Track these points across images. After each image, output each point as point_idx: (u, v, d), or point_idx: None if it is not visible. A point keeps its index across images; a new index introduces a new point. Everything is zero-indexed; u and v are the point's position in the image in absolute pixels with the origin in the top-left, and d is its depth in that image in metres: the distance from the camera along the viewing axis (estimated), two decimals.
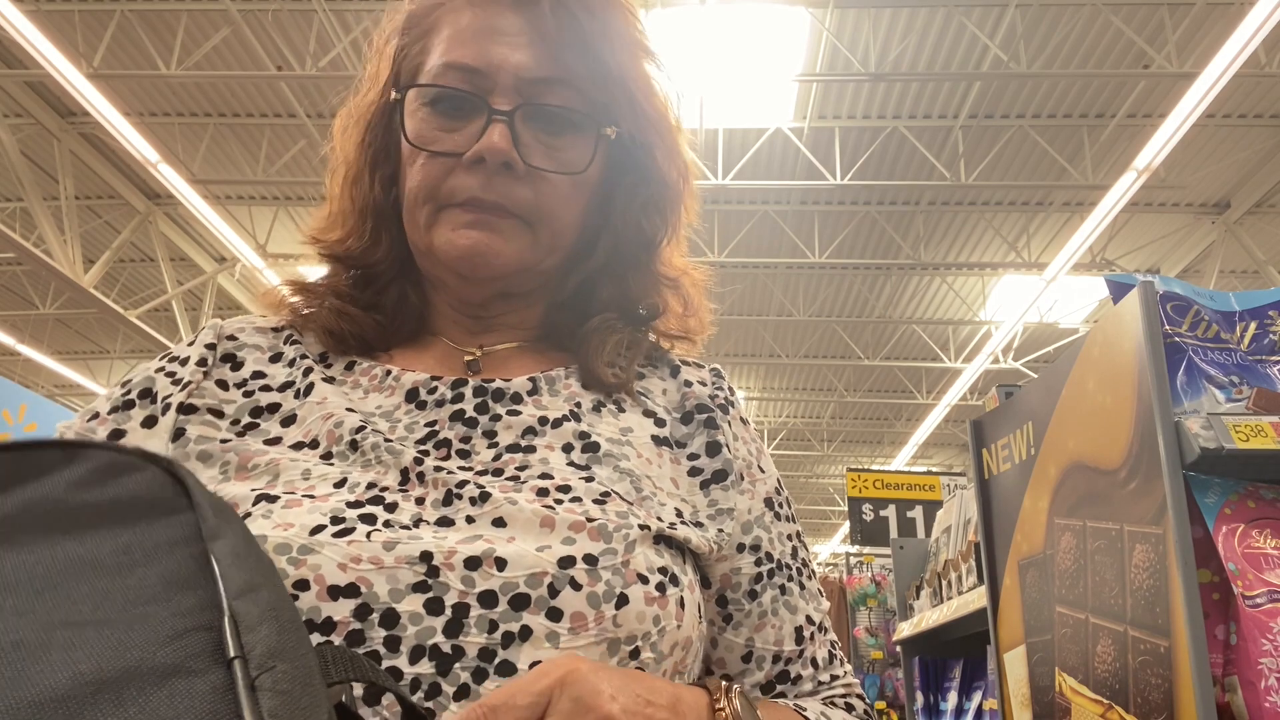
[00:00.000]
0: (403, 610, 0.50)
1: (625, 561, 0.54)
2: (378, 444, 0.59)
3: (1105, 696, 1.04)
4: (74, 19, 6.09)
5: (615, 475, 0.61)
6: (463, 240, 0.65)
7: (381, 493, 0.56)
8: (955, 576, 2.15)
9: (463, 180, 0.65)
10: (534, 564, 0.52)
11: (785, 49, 6.19)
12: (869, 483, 5.43)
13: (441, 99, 0.66)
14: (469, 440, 0.62)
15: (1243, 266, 8.45)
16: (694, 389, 0.72)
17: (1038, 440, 1.25)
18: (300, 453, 0.60)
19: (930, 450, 13.98)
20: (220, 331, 0.69)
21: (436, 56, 0.67)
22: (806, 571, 0.72)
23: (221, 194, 8.01)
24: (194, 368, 0.66)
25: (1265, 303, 1.16)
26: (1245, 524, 0.97)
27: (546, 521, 0.55)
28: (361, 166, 0.71)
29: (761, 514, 0.69)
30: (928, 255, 8.54)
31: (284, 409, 0.64)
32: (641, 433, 0.67)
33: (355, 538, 0.52)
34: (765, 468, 0.72)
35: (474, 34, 0.66)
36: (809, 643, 0.70)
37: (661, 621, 0.55)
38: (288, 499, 0.55)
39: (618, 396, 0.69)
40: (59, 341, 10.96)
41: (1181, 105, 5.60)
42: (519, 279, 0.69)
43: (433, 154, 0.65)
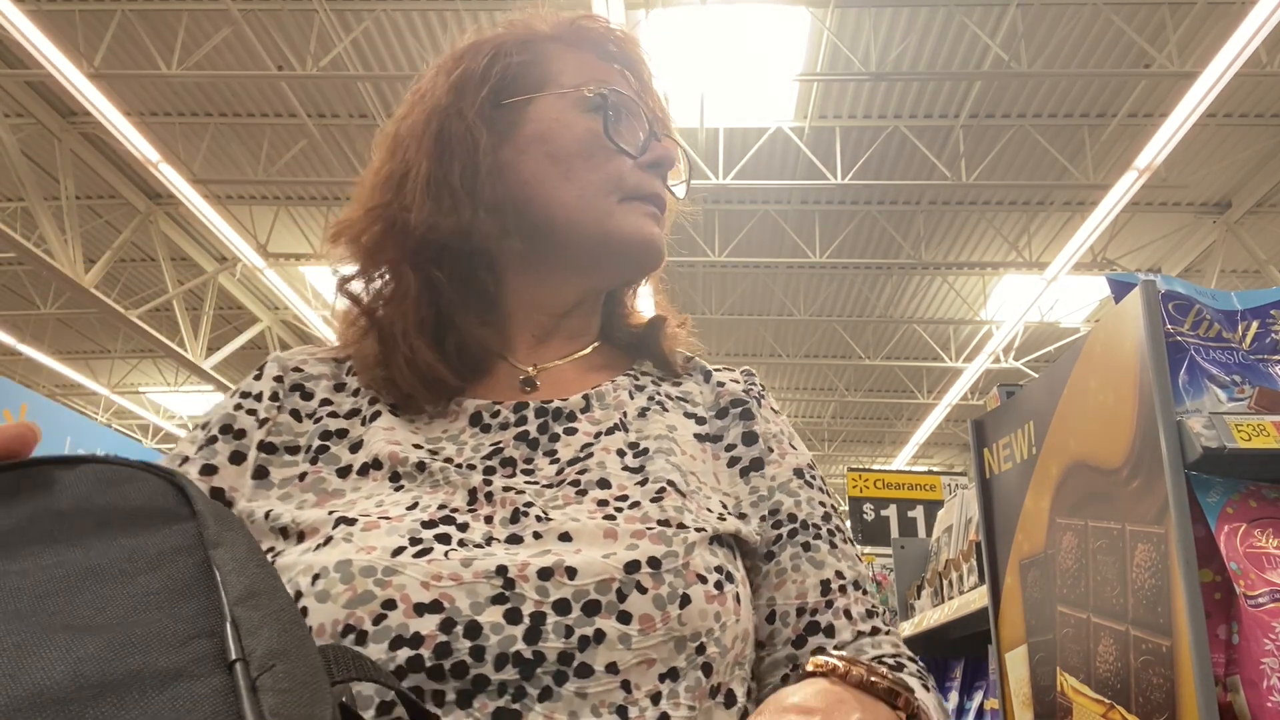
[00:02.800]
0: (484, 621, 0.53)
1: (685, 564, 0.58)
2: (445, 466, 0.63)
3: (1107, 696, 1.04)
4: (75, 19, 6.09)
5: (668, 467, 0.65)
6: (649, 228, 0.74)
7: (452, 513, 0.59)
8: (956, 576, 2.15)
9: (645, 178, 0.75)
10: (602, 570, 0.55)
11: (786, 49, 6.18)
12: (870, 482, 5.43)
13: (618, 107, 0.75)
14: (531, 460, 0.66)
15: (1244, 266, 8.44)
16: (727, 387, 0.78)
17: (1039, 440, 1.25)
18: (368, 477, 0.64)
19: (931, 450, 13.97)
20: (284, 364, 0.73)
21: (575, 79, 0.75)
22: (840, 535, 0.71)
23: (222, 194, 8.01)
24: (268, 403, 0.69)
25: (1267, 302, 1.16)
26: (1247, 523, 0.97)
27: (610, 533, 0.58)
28: (451, 156, 0.73)
29: (787, 481, 0.72)
30: (928, 255, 8.54)
31: (351, 435, 0.68)
32: (685, 431, 0.72)
33: (434, 557, 0.55)
34: (797, 446, 0.76)
35: (598, 68, 0.77)
36: (839, 595, 0.67)
37: (722, 617, 0.58)
38: (365, 521, 0.58)
39: (660, 399, 0.74)
40: (60, 341, 10.96)
41: (1182, 105, 5.60)
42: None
43: (621, 150, 0.74)
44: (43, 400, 7.67)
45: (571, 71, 0.76)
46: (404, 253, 0.72)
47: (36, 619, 0.33)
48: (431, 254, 0.72)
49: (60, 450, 7.73)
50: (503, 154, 0.73)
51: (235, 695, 0.31)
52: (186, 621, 0.35)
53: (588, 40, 0.79)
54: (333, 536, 0.57)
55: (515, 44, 0.77)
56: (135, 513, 0.40)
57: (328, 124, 7.21)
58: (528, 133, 0.74)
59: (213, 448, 0.66)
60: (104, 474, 0.42)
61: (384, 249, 0.73)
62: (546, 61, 0.76)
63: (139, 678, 0.31)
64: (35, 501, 0.39)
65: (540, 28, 0.79)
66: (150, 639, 0.33)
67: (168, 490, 0.42)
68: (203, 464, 0.66)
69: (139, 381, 12.16)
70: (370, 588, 0.53)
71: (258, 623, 0.35)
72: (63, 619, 0.33)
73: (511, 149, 0.74)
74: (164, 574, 0.37)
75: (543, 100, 0.74)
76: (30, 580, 0.35)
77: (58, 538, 0.37)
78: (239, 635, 0.34)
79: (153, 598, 0.36)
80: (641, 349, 0.82)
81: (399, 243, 0.72)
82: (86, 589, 0.35)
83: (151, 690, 0.31)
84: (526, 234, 0.74)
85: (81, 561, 0.36)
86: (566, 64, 0.76)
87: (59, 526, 0.38)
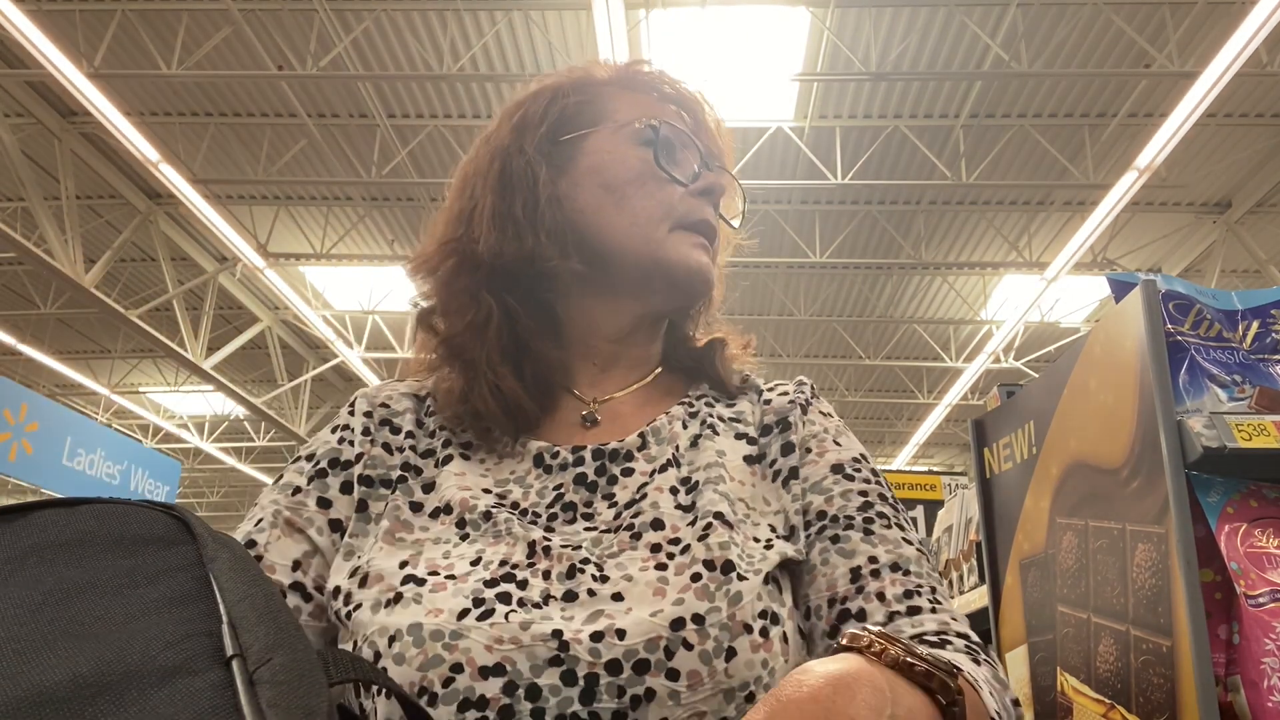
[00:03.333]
0: (543, 684, 0.56)
1: (731, 615, 0.59)
2: (510, 518, 0.67)
3: (1107, 696, 1.04)
4: (75, 19, 6.09)
5: (715, 498, 0.67)
6: (698, 257, 0.77)
7: (513, 570, 0.63)
8: (957, 576, 2.15)
9: (695, 204, 0.78)
10: (649, 630, 0.58)
11: (786, 48, 6.18)
12: None
13: (669, 139, 0.79)
14: (591, 504, 0.69)
15: (1244, 266, 8.44)
16: (773, 404, 0.79)
17: (1039, 439, 1.25)
18: (438, 522, 0.68)
19: (931, 450, 13.98)
20: (373, 400, 0.77)
21: (628, 115, 0.79)
22: (882, 521, 0.70)
23: (222, 193, 8.01)
24: (361, 437, 0.74)
25: (1267, 301, 1.16)
26: (1248, 523, 0.96)
27: (659, 590, 0.60)
28: (514, 189, 0.78)
29: (821, 479, 0.72)
30: (929, 255, 8.54)
31: (425, 475, 0.72)
32: (734, 456, 0.74)
33: (496, 619, 0.58)
34: (842, 442, 0.76)
35: (653, 106, 0.81)
36: (870, 580, 0.66)
37: (770, 663, 0.60)
38: (433, 582, 0.62)
39: (712, 423, 0.76)
40: (60, 341, 10.96)
41: (1183, 105, 5.60)
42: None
43: (672, 178, 0.78)
44: (43, 400, 7.68)
45: (626, 109, 0.80)
46: (478, 281, 0.76)
47: (36, 626, 0.33)
48: (503, 281, 0.76)
49: (60, 450, 7.73)
50: (560, 186, 0.77)
51: (233, 689, 0.31)
52: (184, 623, 0.35)
53: (643, 83, 0.84)
54: (402, 594, 0.61)
55: (573, 87, 0.82)
56: (136, 538, 0.41)
57: (328, 124, 7.21)
58: (584, 165, 0.78)
59: (324, 480, 0.71)
60: (105, 512, 0.42)
61: (459, 279, 0.77)
62: (602, 101, 0.81)
63: (137, 675, 0.31)
64: (36, 536, 0.40)
65: (598, 74, 0.84)
66: (149, 640, 0.34)
67: (169, 521, 0.43)
68: (319, 496, 0.70)
69: (139, 381, 12.17)
70: (439, 651, 0.57)
71: (254, 620, 0.35)
72: (62, 626, 0.34)
73: (568, 181, 0.78)
74: (163, 586, 0.38)
75: (598, 134, 0.79)
76: (30, 593, 0.35)
77: (57, 561, 0.38)
78: (236, 632, 0.34)
79: (151, 605, 0.36)
80: (700, 372, 0.84)
81: (471, 272, 0.77)
82: (85, 600, 0.36)
83: (150, 687, 0.31)
84: (586, 258, 0.77)
85: (81, 578, 0.37)
86: (621, 103, 0.81)
87: (60, 554, 0.39)
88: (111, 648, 0.33)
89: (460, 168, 0.83)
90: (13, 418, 7.09)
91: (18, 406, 7.06)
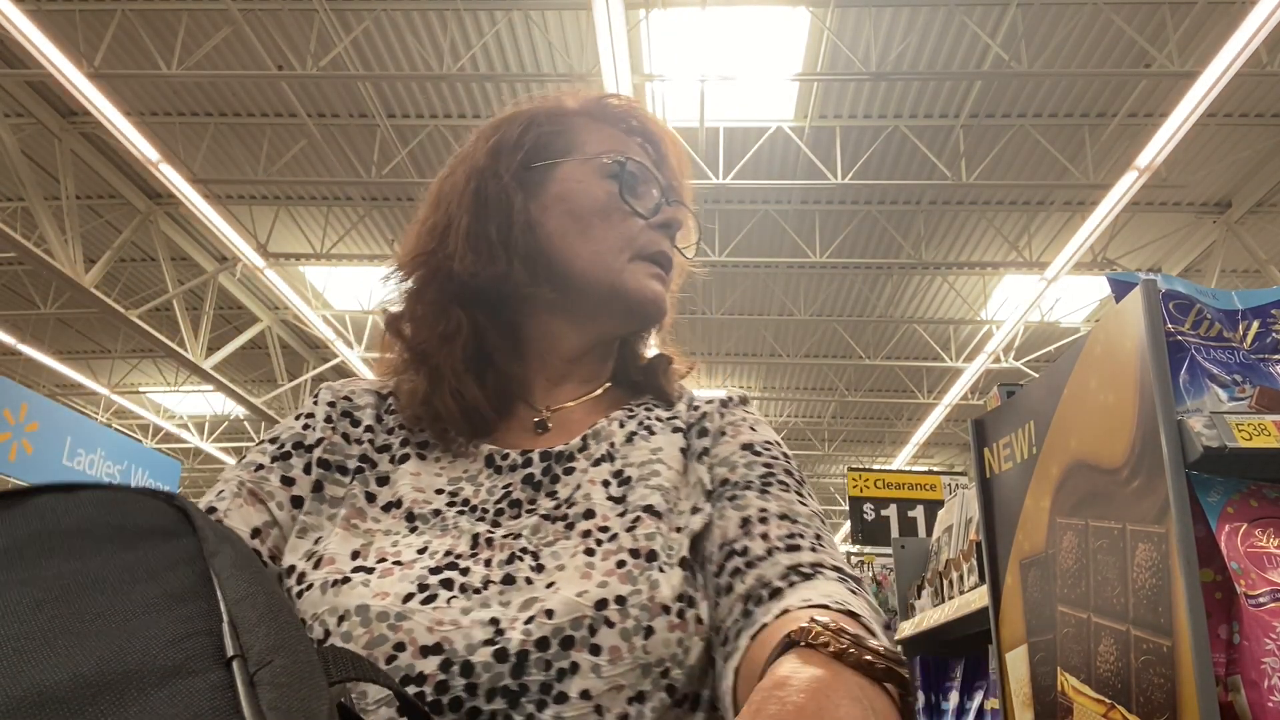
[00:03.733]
0: (476, 661, 0.61)
1: (651, 598, 0.64)
2: (459, 515, 0.72)
3: (1107, 696, 1.04)
4: (75, 19, 6.09)
5: (646, 493, 0.73)
6: (654, 286, 0.83)
7: (457, 559, 0.68)
8: (957, 576, 2.15)
9: (654, 237, 0.83)
10: (575, 609, 0.63)
11: (786, 48, 6.19)
12: (870, 482, 5.43)
13: (633, 174, 0.84)
14: (535, 500, 0.75)
15: (1244, 266, 8.45)
16: (700, 407, 0.85)
17: (1039, 439, 1.25)
18: (390, 515, 0.72)
19: (931, 450, 13.97)
20: (336, 393, 0.83)
21: (597, 147, 0.84)
22: (779, 486, 0.74)
23: (222, 193, 8.02)
24: (324, 424, 0.79)
25: (1267, 301, 1.16)
26: (1248, 523, 0.96)
27: (585, 574, 0.66)
28: (489, 212, 0.82)
29: (730, 455, 0.77)
30: (929, 255, 8.54)
31: (380, 469, 0.76)
32: (670, 448, 0.79)
33: (439, 603, 0.64)
34: (757, 429, 0.81)
35: (619, 139, 0.86)
36: (757, 524, 0.70)
37: (685, 642, 0.64)
38: (381, 568, 0.66)
39: (649, 423, 0.81)
40: (60, 341, 10.96)
41: (1183, 104, 5.60)
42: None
43: (634, 211, 0.83)
44: (43, 400, 7.68)
45: (595, 141, 0.85)
46: (449, 295, 0.81)
47: (36, 624, 0.33)
48: (473, 297, 0.81)
49: (60, 450, 7.73)
50: (531, 210, 0.82)
51: (233, 690, 0.31)
52: (185, 622, 0.35)
53: (611, 116, 0.88)
54: (351, 579, 0.65)
55: (546, 116, 0.87)
56: (136, 530, 0.41)
57: (328, 124, 7.21)
58: (553, 192, 0.83)
59: (288, 461, 0.75)
60: (105, 498, 0.42)
61: (430, 290, 0.82)
62: (573, 131, 0.86)
63: (138, 675, 0.31)
64: (36, 523, 0.39)
65: (569, 104, 0.89)
66: (149, 639, 0.33)
67: (169, 511, 0.43)
68: (282, 475, 0.74)
69: (139, 381, 12.17)
70: (384, 631, 0.61)
71: (255, 621, 0.35)
72: (62, 624, 0.33)
73: (539, 206, 0.82)
74: (163, 582, 0.38)
75: (567, 164, 0.84)
76: (30, 590, 0.35)
77: (57, 552, 0.38)
78: (236, 632, 0.34)
79: (152, 603, 0.36)
80: (645, 386, 0.89)
81: (444, 286, 0.81)
82: (86, 596, 0.35)
83: (150, 687, 0.31)
84: (554, 282, 0.82)
85: (81, 572, 0.37)
86: (590, 135, 0.86)
87: (59, 543, 0.38)
88: (112, 646, 0.32)
89: (436, 183, 0.88)
90: (13, 418, 7.09)
91: (18, 406, 7.07)
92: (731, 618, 0.65)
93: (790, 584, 0.65)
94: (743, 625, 0.64)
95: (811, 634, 0.50)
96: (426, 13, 6.12)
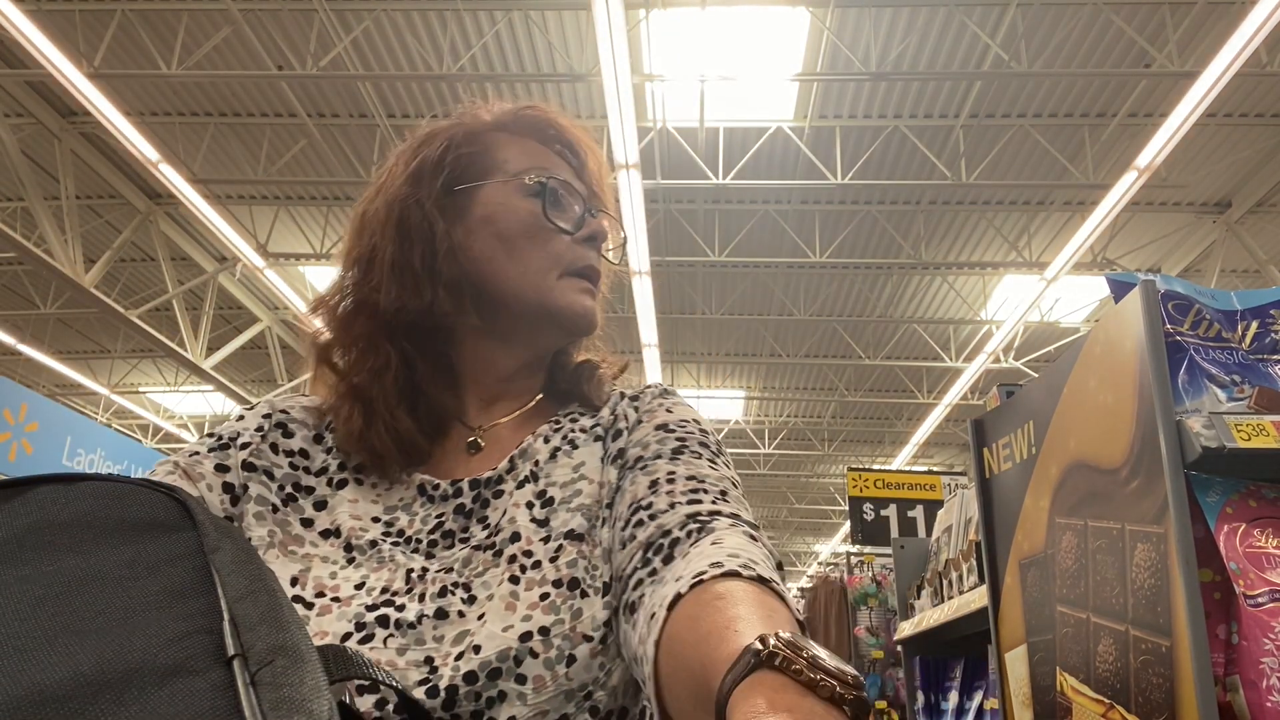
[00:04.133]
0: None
1: (573, 628, 0.67)
2: (394, 547, 0.74)
3: (1106, 696, 1.04)
4: (74, 19, 6.09)
5: (569, 516, 0.75)
6: (585, 302, 0.84)
7: (393, 596, 0.69)
8: (956, 576, 2.15)
9: (580, 252, 0.84)
10: (502, 644, 0.65)
11: (786, 48, 6.19)
12: (870, 482, 5.43)
13: (555, 191, 0.84)
14: (467, 529, 0.76)
15: (1244, 266, 8.45)
16: (618, 409, 0.86)
17: (1039, 439, 1.25)
18: (327, 542, 0.74)
19: (931, 450, 13.98)
20: (274, 405, 0.84)
21: (518, 165, 0.84)
22: (690, 453, 0.76)
23: (222, 193, 8.02)
24: (254, 432, 0.79)
25: (1266, 302, 1.16)
26: (1247, 523, 0.97)
27: (510, 606, 0.68)
28: (413, 239, 0.82)
29: (643, 437, 0.79)
30: (928, 255, 8.54)
31: (317, 494, 0.78)
32: (592, 460, 0.80)
33: (376, 643, 0.66)
34: (674, 411, 0.83)
35: (538, 152, 0.86)
36: (664, 484, 0.72)
37: (606, 665, 0.67)
38: (320, 604, 0.68)
39: (572, 436, 0.82)
40: (60, 341, 10.96)
41: (1183, 104, 5.60)
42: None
43: (559, 229, 0.83)
44: (43, 400, 7.67)
45: (514, 158, 0.85)
46: (377, 327, 0.81)
47: (37, 622, 0.33)
48: (401, 329, 0.81)
49: (60, 450, 7.73)
50: (456, 235, 0.82)
51: (233, 690, 0.31)
52: (185, 620, 0.35)
53: (528, 127, 0.89)
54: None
55: (464, 136, 0.86)
56: (136, 524, 0.40)
57: (328, 124, 7.21)
58: (477, 214, 0.83)
59: (225, 452, 0.77)
60: (104, 490, 0.42)
61: (358, 323, 0.82)
62: (492, 150, 0.86)
63: (138, 674, 0.31)
64: (35, 515, 0.39)
65: (485, 118, 0.89)
66: (149, 637, 0.33)
67: (169, 504, 0.43)
68: (217, 463, 0.76)
69: (139, 381, 12.17)
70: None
71: (256, 619, 0.35)
72: (63, 621, 0.33)
73: (463, 230, 0.83)
74: (163, 578, 0.37)
75: (489, 186, 0.84)
76: (31, 586, 0.35)
77: (58, 546, 0.38)
78: (237, 631, 0.34)
79: (152, 599, 0.36)
80: (573, 394, 0.90)
81: (371, 317, 0.82)
82: (86, 593, 0.35)
83: (151, 686, 0.31)
84: (481, 308, 0.82)
85: (81, 567, 0.37)
86: (510, 152, 0.86)
87: (59, 536, 0.38)
88: (112, 644, 0.32)
89: (357, 213, 0.87)
90: (13, 418, 7.09)
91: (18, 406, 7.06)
92: (631, 565, 0.68)
93: (687, 532, 0.66)
94: (643, 575, 0.66)
95: (779, 659, 0.46)
96: (426, 13, 6.12)
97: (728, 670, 0.46)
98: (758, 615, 0.52)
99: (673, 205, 8.12)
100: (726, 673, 0.46)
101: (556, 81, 6.59)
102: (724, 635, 0.51)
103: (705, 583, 0.56)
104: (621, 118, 5.72)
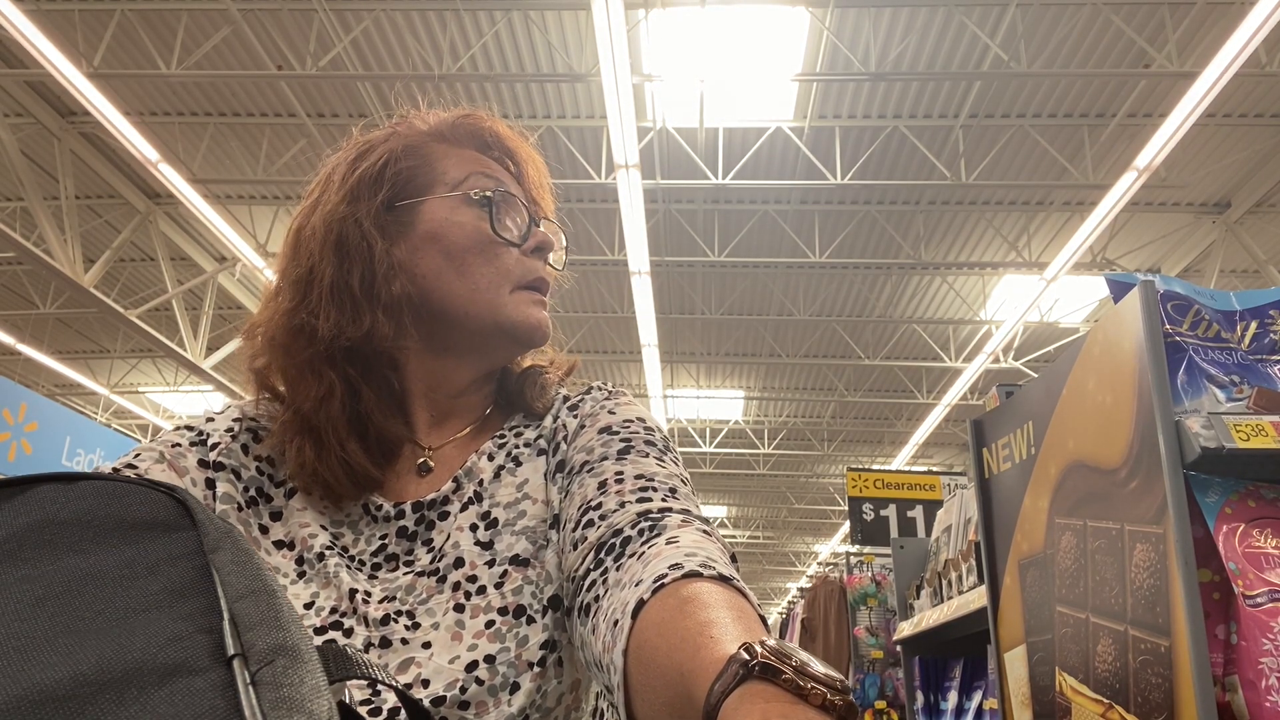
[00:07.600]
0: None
1: (518, 655, 0.68)
2: (339, 564, 0.73)
3: (1106, 696, 1.04)
4: (74, 18, 6.09)
5: (513, 539, 0.74)
6: (538, 314, 0.83)
7: (341, 618, 0.70)
8: (955, 576, 2.15)
9: (529, 265, 0.83)
10: (448, 675, 0.66)
11: (785, 48, 6.19)
12: (869, 482, 5.43)
13: (499, 205, 0.82)
14: (412, 552, 0.76)
15: (1243, 266, 8.45)
16: (560, 417, 0.84)
17: (1038, 440, 1.25)
18: (280, 553, 0.74)
19: (930, 450, 13.98)
20: (245, 411, 0.83)
21: (458, 175, 0.83)
22: (637, 452, 0.75)
23: (222, 193, 8.02)
24: (224, 434, 0.79)
25: (1266, 302, 1.16)
26: (1246, 523, 0.97)
27: (456, 636, 0.69)
28: (351, 260, 0.80)
29: (588, 441, 0.78)
30: (928, 255, 8.54)
31: (274, 503, 0.78)
32: (535, 477, 0.79)
33: None
34: (616, 411, 0.81)
35: (478, 161, 0.85)
36: (613, 485, 0.71)
37: (543, 688, 0.69)
38: None
39: (516, 453, 0.81)
40: (59, 341, 10.96)
41: (1182, 105, 5.60)
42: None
43: (507, 242, 0.82)
44: (43, 400, 7.67)
45: (455, 169, 0.83)
46: (318, 354, 0.78)
47: (37, 622, 0.33)
48: (343, 354, 0.78)
49: (60, 450, 7.73)
50: (397, 253, 0.80)
51: (233, 690, 0.31)
52: (185, 619, 0.35)
53: (467, 135, 0.87)
54: None
55: (403, 149, 0.84)
56: (136, 523, 0.40)
57: (327, 124, 7.21)
58: (422, 231, 0.81)
59: (204, 445, 0.78)
60: (104, 489, 0.42)
61: (298, 348, 0.78)
62: (433, 163, 0.84)
63: (138, 674, 0.31)
64: (35, 513, 0.39)
65: (422, 127, 0.87)
66: (149, 637, 0.33)
67: (169, 503, 0.43)
68: (199, 458, 0.76)
69: (139, 381, 12.16)
70: None
71: (256, 619, 0.35)
72: (63, 622, 0.33)
73: (407, 247, 0.80)
74: (163, 577, 0.37)
75: (432, 201, 0.82)
76: (31, 585, 0.35)
77: (58, 545, 0.38)
78: (238, 631, 0.34)
79: (152, 598, 0.36)
80: (518, 404, 0.88)
81: (309, 344, 0.78)
82: (86, 592, 0.35)
83: (151, 686, 0.31)
84: (423, 327, 0.81)
85: (81, 567, 0.37)
86: (449, 162, 0.84)
87: (59, 535, 0.38)
88: (112, 644, 0.32)
89: (293, 230, 0.84)
90: (12, 418, 7.08)
91: (17, 406, 7.06)
92: (584, 565, 0.67)
93: (639, 530, 0.65)
94: (596, 576, 0.65)
95: (768, 669, 0.45)
96: (426, 13, 6.12)
97: (714, 680, 0.45)
98: (730, 618, 0.52)
99: (672, 205, 8.12)
100: (714, 683, 0.45)
101: (556, 81, 6.59)
102: (699, 642, 0.50)
103: (668, 586, 0.55)
104: (621, 118, 5.73)
